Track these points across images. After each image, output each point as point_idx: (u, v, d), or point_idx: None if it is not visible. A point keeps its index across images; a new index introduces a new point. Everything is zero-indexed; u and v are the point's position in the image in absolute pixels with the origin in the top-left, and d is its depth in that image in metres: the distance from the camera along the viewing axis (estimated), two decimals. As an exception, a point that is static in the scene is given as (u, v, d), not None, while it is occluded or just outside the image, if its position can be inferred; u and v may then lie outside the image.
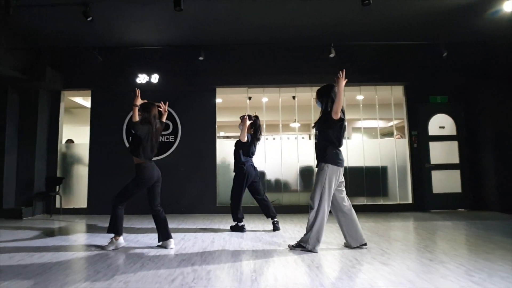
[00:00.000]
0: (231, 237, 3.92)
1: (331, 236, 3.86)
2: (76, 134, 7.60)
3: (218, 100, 8.25)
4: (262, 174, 6.18)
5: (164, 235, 3.43)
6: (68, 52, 6.21)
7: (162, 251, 3.25)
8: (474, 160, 6.14)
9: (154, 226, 3.52)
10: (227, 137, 9.58)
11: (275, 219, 4.34)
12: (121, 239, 3.42)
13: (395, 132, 6.80)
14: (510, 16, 4.88)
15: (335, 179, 3.17)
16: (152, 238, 3.81)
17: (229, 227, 4.49)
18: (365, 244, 3.26)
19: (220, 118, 9.64)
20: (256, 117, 4.48)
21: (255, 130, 4.43)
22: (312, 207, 3.18)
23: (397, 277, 2.42)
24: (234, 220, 4.30)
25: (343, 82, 3.10)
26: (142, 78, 6.20)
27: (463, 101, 6.27)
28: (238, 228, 4.28)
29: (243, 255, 3.08)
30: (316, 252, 3.11)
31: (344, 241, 3.36)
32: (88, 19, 4.48)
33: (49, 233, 4.29)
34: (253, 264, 2.79)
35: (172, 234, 3.52)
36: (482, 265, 2.66)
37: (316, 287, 2.24)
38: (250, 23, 5.29)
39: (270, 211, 4.33)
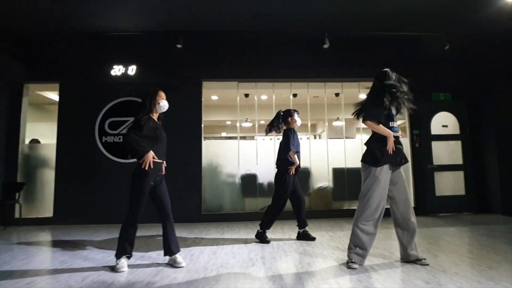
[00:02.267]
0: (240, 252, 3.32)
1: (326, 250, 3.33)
2: (51, 133, 6.74)
3: (214, 97, 7.71)
4: (254, 176, 5.61)
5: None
6: (30, 38, 5.39)
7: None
8: (478, 160, 5.81)
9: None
10: (229, 137, 8.94)
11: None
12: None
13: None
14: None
15: None
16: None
17: (212, 237, 3.88)
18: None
19: (217, 117, 9.18)
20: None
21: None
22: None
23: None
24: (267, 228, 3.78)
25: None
26: (117, 70, 5.49)
27: (467, 99, 5.92)
28: (263, 238, 3.75)
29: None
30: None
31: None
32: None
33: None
34: None
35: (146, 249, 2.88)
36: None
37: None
38: (241, 8, 4.71)
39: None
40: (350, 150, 5.81)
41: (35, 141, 5.94)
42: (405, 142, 5.87)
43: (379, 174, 2.71)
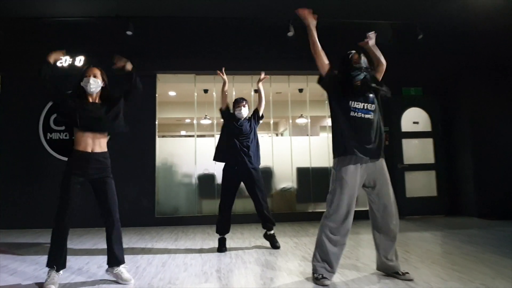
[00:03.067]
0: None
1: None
2: None
3: (172, 93, 7.31)
4: (212, 177, 5.24)
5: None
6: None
7: None
8: (450, 159, 5.49)
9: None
10: (188, 136, 8.56)
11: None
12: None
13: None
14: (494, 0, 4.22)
15: None
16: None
17: (164, 244, 3.51)
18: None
19: (176, 115, 8.76)
20: None
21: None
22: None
23: None
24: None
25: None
26: (64, 61, 5.06)
27: (440, 94, 5.59)
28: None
29: None
30: None
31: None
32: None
33: None
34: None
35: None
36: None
37: None
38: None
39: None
40: (315, 149, 5.46)
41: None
42: (375, 140, 5.53)
43: (345, 175, 2.30)
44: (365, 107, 2.36)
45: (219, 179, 5.27)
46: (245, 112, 3.44)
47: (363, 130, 2.33)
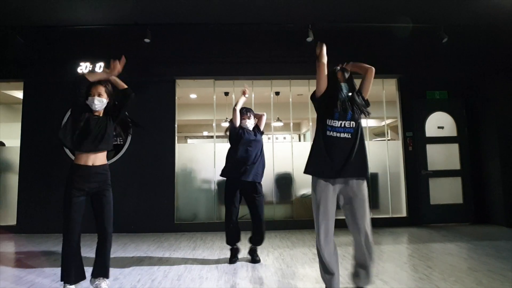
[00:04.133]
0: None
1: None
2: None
3: (193, 96, 7.32)
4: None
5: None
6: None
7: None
8: (477, 165, 5.29)
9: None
10: (211, 136, 8.53)
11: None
12: None
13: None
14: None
15: None
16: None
17: (182, 254, 3.47)
18: None
19: (198, 117, 8.81)
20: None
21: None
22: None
23: None
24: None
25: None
26: (84, 67, 5.10)
27: (465, 97, 5.40)
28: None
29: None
30: None
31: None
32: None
33: None
34: None
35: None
36: None
37: None
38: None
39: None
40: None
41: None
42: (397, 145, 5.38)
43: (315, 190, 2.30)
44: (343, 125, 2.29)
45: (238, 185, 5.22)
46: (250, 124, 3.37)
47: (337, 150, 2.28)
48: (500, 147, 4.98)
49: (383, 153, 5.37)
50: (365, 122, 5.58)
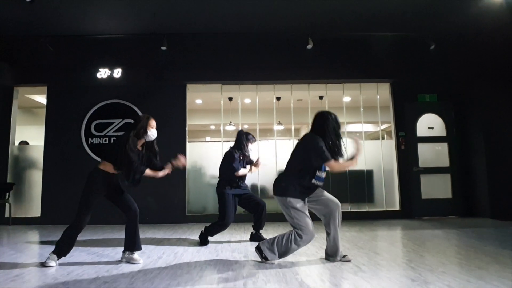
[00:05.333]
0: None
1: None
2: (39, 136, 6.91)
3: (198, 101, 7.79)
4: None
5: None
6: (19, 42, 5.57)
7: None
8: (464, 163, 5.72)
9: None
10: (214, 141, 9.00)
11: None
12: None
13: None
14: (506, 6, 4.49)
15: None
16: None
17: (196, 237, 3.92)
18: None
19: (202, 121, 9.25)
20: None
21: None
22: None
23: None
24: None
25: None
26: (103, 73, 5.59)
27: (454, 100, 5.85)
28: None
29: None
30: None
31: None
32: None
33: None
34: None
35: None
36: (474, 286, 2.16)
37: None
38: (224, 10, 4.78)
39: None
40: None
41: (24, 143, 6.08)
42: (391, 144, 5.82)
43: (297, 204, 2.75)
44: (323, 176, 2.73)
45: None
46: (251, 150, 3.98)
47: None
48: (486, 146, 5.40)
49: (378, 152, 5.81)
50: (361, 127, 6.04)
